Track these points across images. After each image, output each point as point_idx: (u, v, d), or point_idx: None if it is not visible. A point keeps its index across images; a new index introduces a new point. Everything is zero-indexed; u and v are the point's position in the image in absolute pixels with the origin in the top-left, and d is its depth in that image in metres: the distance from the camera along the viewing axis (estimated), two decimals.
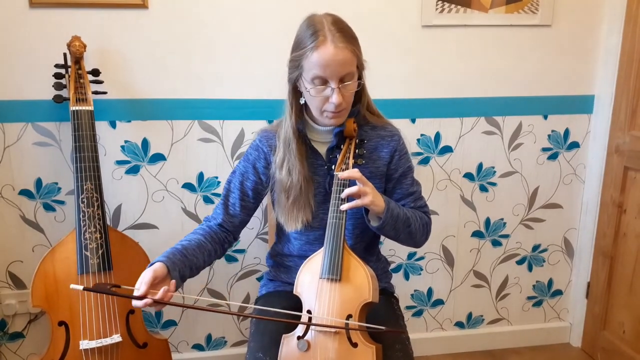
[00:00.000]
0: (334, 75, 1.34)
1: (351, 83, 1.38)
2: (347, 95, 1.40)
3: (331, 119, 1.43)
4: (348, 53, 1.34)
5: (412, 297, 2.35)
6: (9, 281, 2.02)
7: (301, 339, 1.37)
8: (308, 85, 1.38)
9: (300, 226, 1.51)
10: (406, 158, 1.56)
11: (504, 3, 2.08)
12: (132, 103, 1.96)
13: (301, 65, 1.37)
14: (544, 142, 2.27)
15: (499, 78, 2.16)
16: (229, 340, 2.27)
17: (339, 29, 1.34)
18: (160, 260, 1.34)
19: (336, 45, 1.32)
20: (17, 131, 1.91)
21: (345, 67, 1.35)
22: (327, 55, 1.32)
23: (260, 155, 1.55)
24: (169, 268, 1.32)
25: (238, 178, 1.57)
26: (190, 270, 1.42)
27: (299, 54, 1.37)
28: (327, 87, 1.37)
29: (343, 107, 1.40)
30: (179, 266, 1.36)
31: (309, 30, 1.35)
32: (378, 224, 1.42)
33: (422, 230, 1.53)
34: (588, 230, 2.36)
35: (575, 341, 2.48)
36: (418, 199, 1.57)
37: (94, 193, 1.72)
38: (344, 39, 1.34)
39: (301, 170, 1.47)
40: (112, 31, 1.89)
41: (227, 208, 1.57)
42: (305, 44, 1.35)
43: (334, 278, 1.37)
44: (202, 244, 1.47)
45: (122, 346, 1.75)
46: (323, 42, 1.32)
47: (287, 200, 1.49)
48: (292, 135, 1.47)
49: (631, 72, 2.10)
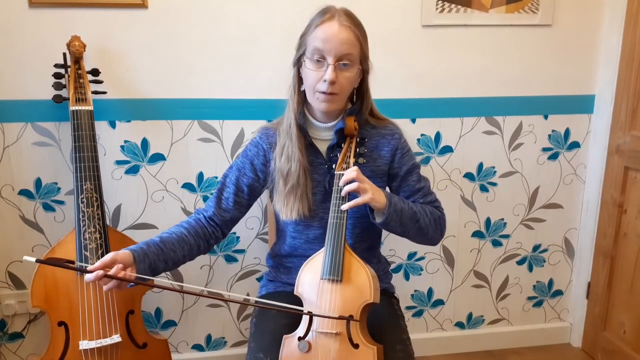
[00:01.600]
0: (332, 50, 1.37)
1: (348, 66, 1.39)
2: (342, 79, 1.40)
3: (322, 102, 1.42)
4: (351, 34, 1.38)
5: (412, 297, 2.35)
6: (8, 281, 2.02)
7: (302, 339, 1.37)
8: (308, 61, 1.40)
9: (295, 216, 1.49)
10: (409, 156, 1.56)
11: (504, 3, 2.08)
12: (131, 103, 1.95)
13: (305, 42, 1.41)
14: (544, 142, 2.26)
15: (499, 78, 2.16)
16: (229, 341, 2.27)
17: (347, 15, 1.41)
18: (129, 248, 1.33)
19: (341, 23, 1.37)
20: (16, 131, 1.90)
21: (345, 47, 1.37)
22: (330, 30, 1.37)
23: (260, 152, 1.55)
24: (136, 258, 1.31)
25: (235, 173, 1.57)
26: (165, 264, 1.39)
27: (306, 31, 1.43)
28: (324, 63, 1.38)
29: (336, 89, 1.40)
30: (150, 258, 1.35)
31: (320, 12, 1.42)
32: (382, 219, 1.41)
33: (434, 225, 1.52)
34: (588, 231, 2.35)
35: (576, 341, 2.47)
36: (427, 195, 1.56)
37: (94, 193, 1.72)
38: (350, 21, 1.39)
39: (300, 159, 1.47)
40: (112, 31, 1.88)
41: (219, 201, 1.56)
42: (314, 21, 1.41)
43: (335, 279, 1.37)
44: (183, 237, 1.45)
45: (121, 346, 1.74)
46: (330, 18, 1.39)
47: (285, 187, 1.49)
48: (294, 121, 1.47)
49: (631, 72, 2.10)
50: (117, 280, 1.24)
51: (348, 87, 1.44)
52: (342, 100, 1.46)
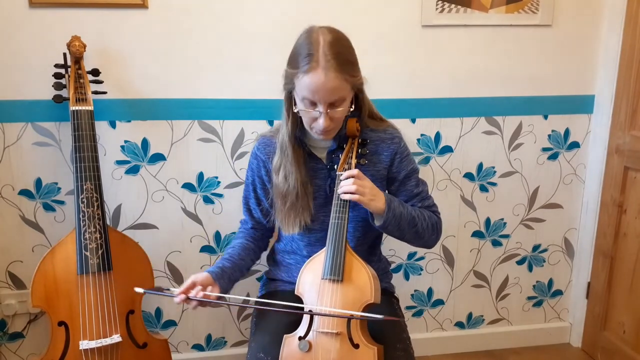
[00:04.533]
0: (322, 100, 1.34)
1: (341, 108, 1.37)
2: (336, 118, 1.40)
3: (319, 135, 1.44)
4: (339, 82, 1.32)
5: (412, 297, 2.35)
6: (8, 281, 2.02)
7: (303, 339, 1.37)
8: (299, 103, 1.38)
9: (298, 229, 1.52)
10: (408, 160, 1.56)
11: (504, 3, 2.08)
12: (132, 103, 1.95)
13: (293, 82, 1.36)
14: (544, 142, 2.26)
15: (499, 78, 2.16)
16: (229, 341, 2.27)
17: (334, 54, 1.31)
18: (207, 270, 1.48)
19: (327, 74, 1.29)
20: (16, 131, 1.90)
21: (335, 94, 1.34)
22: (317, 82, 1.30)
23: (260, 164, 1.58)
24: (215, 276, 1.45)
25: (250, 187, 1.64)
26: (240, 273, 1.57)
27: (292, 72, 1.36)
28: (316, 110, 1.36)
29: (331, 127, 1.40)
30: (227, 272, 1.50)
31: (305, 50, 1.33)
32: (380, 223, 1.42)
33: (431, 229, 1.53)
34: (588, 230, 2.35)
35: (576, 341, 2.48)
36: (425, 199, 1.57)
37: (94, 193, 1.72)
38: (337, 67, 1.30)
39: (297, 177, 1.47)
40: (112, 31, 1.88)
41: (250, 212, 1.67)
42: (299, 64, 1.33)
43: (336, 279, 1.37)
44: (245, 245, 1.62)
45: (122, 346, 1.74)
46: (315, 68, 1.30)
47: (284, 206, 1.51)
48: (288, 141, 1.47)
49: (631, 72, 2.10)
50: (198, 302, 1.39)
51: (343, 118, 1.44)
52: (338, 128, 1.46)
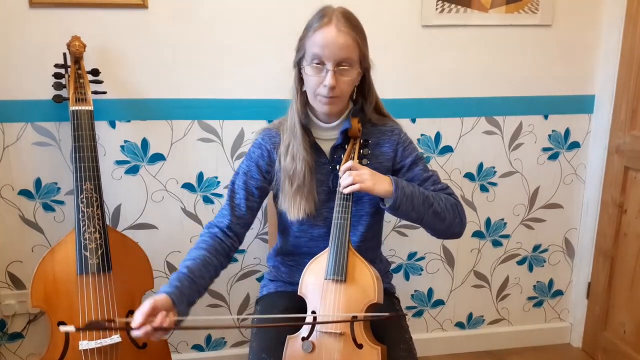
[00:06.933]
0: (331, 56, 1.37)
1: (348, 69, 1.39)
2: (342, 82, 1.40)
3: (324, 105, 1.42)
4: (349, 39, 1.37)
5: (412, 297, 2.35)
6: (8, 281, 2.01)
7: (306, 340, 1.37)
8: (307, 65, 1.41)
9: (303, 215, 1.48)
10: (411, 148, 1.55)
11: (504, 3, 2.08)
12: (131, 103, 1.95)
13: (304, 46, 1.41)
14: (544, 142, 2.27)
15: (499, 78, 2.16)
16: (229, 341, 2.26)
17: (346, 17, 1.39)
18: (165, 291, 1.28)
19: (339, 28, 1.36)
20: (16, 131, 1.90)
21: (344, 52, 1.37)
22: (328, 35, 1.36)
23: (264, 153, 1.54)
24: (175, 301, 1.27)
25: (242, 178, 1.54)
26: (198, 294, 1.38)
27: (304, 35, 1.43)
28: (323, 69, 1.38)
29: (336, 93, 1.40)
30: (186, 295, 1.31)
31: (318, 15, 1.41)
32: (391, 203, 1.38)
33: (452, 211, 1.47)
34: (588, 231, 2.36)
35: (576, 341, 2.48)
36: (437, 183, 1.53)
37: (94, 193, 1.71)
38: (348, 25, 1.38)
39: (305, 158, 1.46)
40: (111, 31, 1.88)
41: (233, 209, 1.52)
42: (312, 25, 1.40)
43: (339, 279, 1.37)
44: (207, 260, 1.42)
45: (121, 346, 1.73)
46: (327, 23, 1.37)
47: (291, 187, 1.48)
48: (298, 121, 1.47)
49: (631, 72, 2.10)
50: (163, 330, 1.22)
51: (348, 89, 1.45)
52: (343, 102, 1.47)
